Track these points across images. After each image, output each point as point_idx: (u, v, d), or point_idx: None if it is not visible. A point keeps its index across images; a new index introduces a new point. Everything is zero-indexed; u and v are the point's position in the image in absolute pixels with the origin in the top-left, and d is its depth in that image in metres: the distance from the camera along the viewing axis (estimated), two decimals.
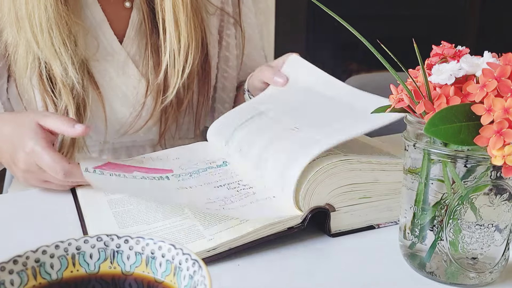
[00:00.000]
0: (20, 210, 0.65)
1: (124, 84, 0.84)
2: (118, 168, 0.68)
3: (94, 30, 0.81)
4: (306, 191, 0.55)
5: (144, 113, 0.85)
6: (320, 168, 0.55)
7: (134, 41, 0.84)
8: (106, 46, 0.82)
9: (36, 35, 0.74)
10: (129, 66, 0.84)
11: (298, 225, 0.55)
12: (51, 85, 0.78)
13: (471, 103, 0.42)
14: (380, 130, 0.59)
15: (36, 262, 0.37)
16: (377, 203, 0.59)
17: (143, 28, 0.84)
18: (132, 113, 0.85)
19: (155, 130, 0.89)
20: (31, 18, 0.73)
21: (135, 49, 0.84)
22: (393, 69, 0.47)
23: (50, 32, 0.74)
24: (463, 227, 0.46)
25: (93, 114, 0.82)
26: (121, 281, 0.38)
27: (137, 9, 0.84)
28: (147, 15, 0.83)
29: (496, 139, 0.40)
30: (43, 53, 0.75)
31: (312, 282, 0.50)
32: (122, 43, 0.83)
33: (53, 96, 0.79)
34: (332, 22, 0.55)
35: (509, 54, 0.44)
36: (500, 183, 0.45)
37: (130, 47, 0.84)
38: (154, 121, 0.87)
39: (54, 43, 0.74)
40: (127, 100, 0.85)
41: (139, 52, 0.84)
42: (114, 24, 0.83)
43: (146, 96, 0.84)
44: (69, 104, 0.78)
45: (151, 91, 0.84)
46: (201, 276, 0.34)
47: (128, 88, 0.84)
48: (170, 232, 0.55)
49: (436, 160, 0.46)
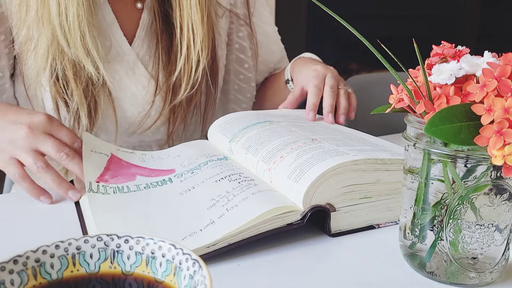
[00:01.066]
0: (20, 210, 0.65)
1: (134, 84, 0.85)
2: (120, 174, 0.67)
3: (105, 31, 0.82)
4: (309, 188, 0.55)
5: (153, 113, 0.86)
6: (328, 167, 0.55)
7: (144, 41, 0.85)
8: (116, 47, 0.83)
9: (67, 34, 0.74)
10: (138, 66, 0.84)
11: (298, 222, 0.55)
12: (65, 86, 0.79)
13: (471, 103, 0.42)
14: (380, 130, 0.59)
15: (36, 262, 0.37)
16: (377, 203, 0.59)
17: (154, 29, 0.84)
18: (141, 112, 0.86)
19: (163, 130, 0.90)
20: (62, 16, 0.73)
21: (145, 50, 0.85)
22: (393, 69, 0.47)
23: (83, 30, 0.75)
24: (463, 227, 0.46)
25: (103, 114, 0.83)
26: (121, 281, 0.38)
27: (148, 9, 0.84)
28: (158, 16, 0.84)
29: (496, 139, 0.40)
30: (74, 52, 0.76)
31: (312, 282, 0.50)
32: (132, 44, 0.84)
33: (65, 97, 0.79)
34: (332, 22, 0.55)
35: (509, 54, 0.44)
36: (500, 183, 0.45)
37: (140, 48, 0.84)
38: (162, 120, 0.88)
39: (86, 42, 0.76)
40: (136, 100, 0.85)
41: (149, 53, 0.85)
42: (124, 25, 0.83)
43: (155, 95, 0.85)
44: (81, 104, 0.79)
45: (160, 91, 0.85)
46: (201, 276, 0.34)
47: (137, 88, 0.85)
48: (171, 226, 0.56)
49: (436, 160, 0.46)
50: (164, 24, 0.84)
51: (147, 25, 0.84)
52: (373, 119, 1.33)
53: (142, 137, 0.90)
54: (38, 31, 0.75)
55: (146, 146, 0.92)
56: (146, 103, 0.86)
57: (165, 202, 0.62)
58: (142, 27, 0.84)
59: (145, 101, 0.86)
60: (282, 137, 0.66)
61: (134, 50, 0.84)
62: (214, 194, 0.61)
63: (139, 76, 0.84)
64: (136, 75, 0.84)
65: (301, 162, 0.59)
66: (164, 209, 0.60)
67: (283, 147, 0.63)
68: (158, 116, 0.86)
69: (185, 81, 0.83)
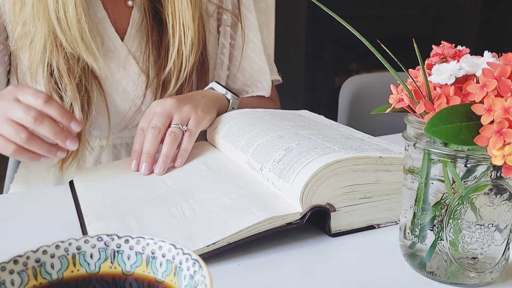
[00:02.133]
0: (20, 210, 0.65)
1: (125, 80, 0.86)
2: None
3: (97, 27, 0.82)
4: (309, 188, 0.55)
5: (143, 108, 0.87)
6: (328, 166, 0.55)
7: (135, 38, 0.85)
8: (108, 43, 0.84)
9: (65, 29, 0.75)
10: (129, 62, 0.85)
11: (297, 221, 0.55)
12: (59, 81, 0.79)
13: (471, 103, 0.42)
14: (380, 130, 0.59)
15: (36, 262, 0.37)
16: (377, 203, 0.59)
17: (144, 25, 0.85)
18: (132, 107, 0.87)
19: None
20: (60, 11, 0.74)
21: (136, 46, 0.86)
22: (393, 69, 0.47)
23: (83, 25, 0.75)
24: (463, 227, 0.46)
25: (96, 109, 0.84)
26: (122, 281, 0.38)
27: (138, 7, 0.85)
28: (148, 13, 0.84)
29: (496, 139, 0.40)
30: (73, 46, 0.76)
31: (312, 282, 0.50)
32: (123, 40, 0.85)
33: (60, 91, 0.80)
34: (332, 22, 0.55)
35: (509, 54, 0.44)
36: (500, 183, 0.45)
37: (131, 44, 0.85)
38: None
39: (86, 36, 0.76)
40: (127, 95, 0.86)
41: (139, 49, 0.86)
42: (116, 22, 0.84)
43: (146, 90, 0.86)
44: (75, 99, 0.80)
45: (150, 86, 0.86)
46: (201, 276, 0.34)
47: (128, 84, 0.86)
48: (171, 224, 0.56)
49: (436, 160, 0.46)
50: (154, 20, 0.85)
51: (138, 22, 0.85)
52: (373, 119, 1.33)
53: (133, 132, 0.90)
54: (34, 27, 0.76)
55: None
56: (137, 98, 0.87)
57: (164, 202, 0.62)
58: (132, 24, 0.85)
59: (136, 96, 0.87)
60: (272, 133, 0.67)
61: (126, 46, 0.85)
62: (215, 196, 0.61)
63: (130, 71, 0.85)
64: (127, 70, 0.85)
65: (291, 160, 0.59)
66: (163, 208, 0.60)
67: (274, 145, 0.64)
68: None
69: (175, 76, 0.84)
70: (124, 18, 0.85)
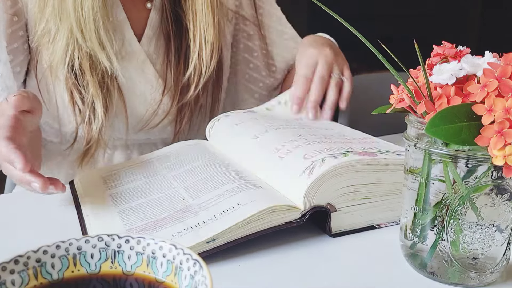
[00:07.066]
0: (20, 210, 0.65)
1: (142, 83, 0.86)
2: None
3: (117, 28, 0.83)
4: (311, 188, 0.55)
5: (160, 111, 0.87)
6: (331, 167, 0.55)
7: (152, 40, 0.86)
8: (126, 45, 0.84)
9: (82, 28, 0.76)
10: (147, 65, 0.86)
11: (297, 220, 0.55)
12: (81, 77, 0.80)
13: (472, 103, 0.42)
14: (380, 130, 0.59)
15: (37, 262, 0.37)
16: (378, 203, 0.59)
17: (163, 29, 0.86)
18: (149, 110, 0.87)
19: (170, 130, 0.91)
20: (77, 10, 0.75)
21: (152, 48, 0.86)
22: (394, 69, 0.47)
23: (98, 24, 0.76)
24: (464, 227, 0.46)
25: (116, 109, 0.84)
26: (122, 281, 0.39)
27: (157, 10, 0.86)
28: (170, 17, 0.85)
29: (497, 139, 0.40)
30: (89, 44, 0.77)
31: (313, 282, 0.50)
32: (140, 42, 0.85)
33: (81, 88, 0.80)
34: (332, 22, 0.55)
35: (510, 54, 0.44)
36: (501, 183, 0.45)
37: (147, 46, 0.86)
38: (169, 119, 0.89)
39: (100, 35, 0.77)
40: (144, 98, 0.87)
41: (156, 52, 0.86)
42: (134, 24, 0.85)
43: (163, 95, 0.86)
44: (97, 96, 0.80)
45: (168, 90, 0.86)
46: (202, 276, 0.34)
47: (146, 87, 0.86)
48: (171, 221, 0.56)
49: (437, 160, 0.46)
50: (175, 24, 0.86)
51: (156, 24, 0.86)
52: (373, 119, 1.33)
53: (149, 134, 0.91)
54: (56, 24, 0.77)
55: (152, 144, 0.93)
56: (154, 102, 0.87)
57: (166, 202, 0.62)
58: (150, 25, 0.86)
59: (153, 100, 0.87)
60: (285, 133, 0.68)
61: (143, 48, 0.85)
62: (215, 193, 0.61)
63: (148, 74, 0.86)
64: (145, 73, 0.86)
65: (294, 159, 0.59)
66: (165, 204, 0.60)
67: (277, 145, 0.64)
68: (165, 115, 0.88)
69: (195, 81, 0.85)
70: (143, 20, 0.86)
